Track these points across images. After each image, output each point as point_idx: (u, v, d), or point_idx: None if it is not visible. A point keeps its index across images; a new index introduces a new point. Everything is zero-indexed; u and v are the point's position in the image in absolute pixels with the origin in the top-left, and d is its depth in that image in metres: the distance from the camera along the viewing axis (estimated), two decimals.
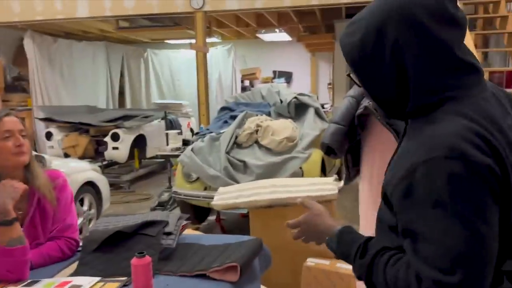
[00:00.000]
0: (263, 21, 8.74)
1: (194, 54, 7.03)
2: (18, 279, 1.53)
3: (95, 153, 6.92)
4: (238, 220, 5.14)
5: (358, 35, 0.93)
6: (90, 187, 4.50)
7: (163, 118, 7.25)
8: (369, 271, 0.91)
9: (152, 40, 11.05)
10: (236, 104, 5.45)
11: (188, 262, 1.65)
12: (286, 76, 11.95)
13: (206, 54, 6.98)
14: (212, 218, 5.04)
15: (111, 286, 1.49)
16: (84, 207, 4.43)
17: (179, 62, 10.97)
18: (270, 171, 4.11)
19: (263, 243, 1.92)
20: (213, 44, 10.28)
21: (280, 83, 8.88)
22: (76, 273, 1.63)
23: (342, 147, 2.20)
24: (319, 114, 5.03)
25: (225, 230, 4.68)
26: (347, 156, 2.30)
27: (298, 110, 5.03)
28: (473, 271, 0.77)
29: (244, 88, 10.84)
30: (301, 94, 5.16)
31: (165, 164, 7.72)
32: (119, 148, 6.55)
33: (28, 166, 1.71)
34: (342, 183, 2.91)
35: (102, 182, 4.72)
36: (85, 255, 1.70)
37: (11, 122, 1.66)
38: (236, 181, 4.06)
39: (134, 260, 1.41)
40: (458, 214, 0.78)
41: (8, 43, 8.46)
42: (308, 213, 1.12)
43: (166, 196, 5.69)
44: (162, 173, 7.91)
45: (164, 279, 1.55)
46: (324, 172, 4.71)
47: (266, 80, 11.57)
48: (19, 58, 8.42)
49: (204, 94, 6.93)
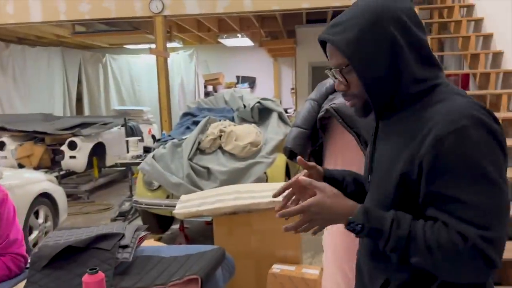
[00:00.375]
0: (224, 26, 8.70)
1: (155, 59, 6.89)
2: None
3: (51, 162, 6.63)
4: (203, 228, 5.04)
5: (352, 32, 0.99)
6: (45, 198, 4.31)
7: (123, 125, 7.05)
8: (408, 241, 0.91)
9: (110, 45, 10.78)
10: (198, 109, 5.35)
11: (146, 276, 1.55)
12: (250, 81, 11.95)
13: (166, 59, 6.85)
14: (175, 227, 4.92)
15: None
16: (39, 219, 4.24)
17: (139, 68, 10.74)
18: (234, 177, 4.04)
19: (226, 252, 1.85)
20: (174, 49, 10.14)
21: (243, 88, 8.85)
22: None
23: (305, 151, 2.18)
24: (282, 119, 5.02)
25: (189, 239, 4.57)
26: (310, 159, 2.27)
27: (261, 115, 4.99)
28: (503, 223, 0.89)
29: (208, 94, 10.73)
30: (264, 99, 5.13)
31: (125, 172, 7.52)
32: (76, 157, 6.29)
33: None
34: None
35: (58, 193, 4.52)
36: (34, 272, 1.58)
37: None
38: (199, 188, 3.97)
39: (86, 277, 1.31)
40: (487, 176, 0.88)
41: None
42: (320, 195, 1.00)
43: (127, 205, 5.52)
44: (122, 182, 7.70)
45: None
46: (288, 176, 4.69)
47: (230, 85, 11.52)
48: None
49: (165, 99, 6.79)
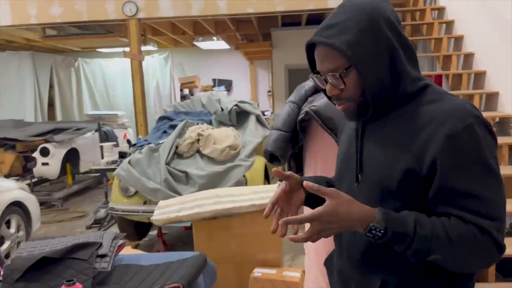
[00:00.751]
0: (200, 29, 8.64)
1: (128, 62, 6.78)
2: None
3: (23, 170, 6.42)
4: (181, 233, 4.97)
5: (351, 33, 0.99)
6: (17, 207, 4.17)
7: (97, 130, 6.90)
8: (431, 240, 0.92)
9: (83, 48, 10.55)
10: (175, 113, 5.29)
11: (126, 286, 1.51)
12: (226, 84, 11.90)
13: (141, 62, 6.75)
14: (153, 233, 4.83)
15: None
16: (11, 229, 4.10)
17: (113, 71, 10.53)
18: (213, 181, 4.00)
19: (208, 258, 1.81)
20: (149, 52, 10.00)
21: (220, 91, 8.80)
22: None
23: (286, 154, 2.16)
24: (260, 121, 5.01)
25: (167, 245, 4.50)
26: (290, 162, 2.26)
27: (239, 117, 4.97)
28: (505, 212, 0.95)
29: (184, 97, 10.62)
30: (242, 102, 5.11)
31: (100, 178, 7.35)
32: (49, 163, 6.11)
33: None
34: None
35: (30, 201, 4.38)
36: (6, 286, 1.51)
37: None
38: (178, 193, 3.91)
39: None
40: (493, 170, 0.94)
41: None
42: (332, 203, 0.93)
43: (102, 212, 5.40)
44: (97, 188, 7.54)
45: None
46: (267, 179, 4.68)
47: (206, 89, 11.44)
48: None
49: (141, 103, 6.69)
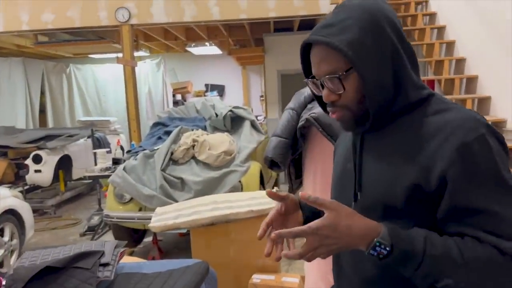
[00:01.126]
0: (192, 34, 8.65)
1: (120, 68, 6.76)
2: None
3: (15, 177, 6.36)
4: (177, 240, 4.95)
5: (352, 33, 0.90)
6: (10, 215, 4.12)
7: (89, 137, 6.86)
8: (443, 261, 0.81)
9: (74, 55, 10.49)
10: (169, 119, 5.28)
11: None
12: (219, 89, 11.90)
13: (134, 68, 6.73)
14: (148, 240, 4.81)
15: None
16: (5, 237, 4.06)
17: (104, 77, 10.48)
18: (209, 187, 4.00)
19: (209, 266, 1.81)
20: (141, 57, 9.99)
21: (213, 96, 8.80)
22: None
23: (286, 160, 2.18)
24: (255, 127, 5.02)
25: (163, 252, 4.48)
26: (290, 168, 2.28)
27: (234, 123, 4.98)
28: None
29: (176, 103, 10.59)
30: (236, 107, 5.12)
31: (92, 185, 7.30)
32: (42, 170, 6.06)
33: None
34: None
35: (24, 209, 4.34)
36: None
37: None
38: (173, 199, 3.90)
39: None
40: (507, 184, 0.84)
41: None
42: (331, 215, 0.82)
43: (96, 219, 5.37)
44: (90, 195, 7.49)
45: None
46: (262, 184, 4.69)
47: (199, 94, 11.43)
48: None
49: (134, 109, 6.67)
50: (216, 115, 5.07)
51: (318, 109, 1.97)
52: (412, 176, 0.88)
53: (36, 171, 6.05)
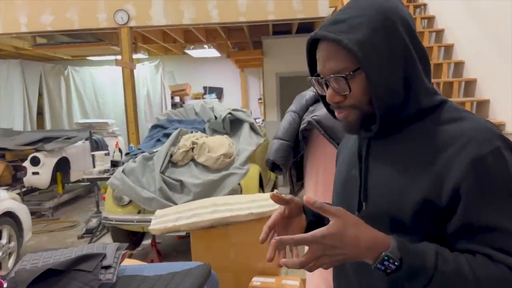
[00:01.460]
0: (191, 37, 8.65)
1: (118, 70, 6.75)
2: None
3: (12, 179, 6.34)
4: (175, 243, 4.94)
5: (362, 31, 0.85)
6: (8, 217, 4.11)
7: (87, 139, 6.84)
8: (455, 278, 0.77)
9: (72, 57, 10.48)
10: (168, 121, 5.27)
11: None
12: (217, 91, 11.90)
13: (133, 70, 6.73)
14: (147, 242, 4.80)
15: None
16: (3, 240, 4.05)
17: (102, 80, 10.47)
18: (208, 189, 3.99)
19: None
20: (139, 60, 9.98)
21: (211, 99, 8.80)
22: None
23: (287, 163, 2.17)
24: (254, 129, 5.01)
25: (161, 254, 4.47)
26: (291, 171, 2.27)
27: (233, 125, 4.98)
28: None
29: (175, 105, 10.59)
30: (235, 110, 5.11)
31: (90, 187, 7.28)
32: (39, 173, 6.04)
33: None
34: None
35: (22, 211, 4.33)
36: None
37: None
38: (172, 202, 3.89)
39: None
40: None
41: None
42: (337, 223, 0.77)
43: (94, 222, 5.35)
44: (88, 197, 7.47)
45: None
46: (261, 187, 4.68)
47: (197, 96, 11.42)
48: None
49: (132, 112, 6.66)
50: (215, 118, 5.06)
51: (320, 111, 1.97)
52: (423, 188, 0.83)
53: (34, 173, 6.03)
